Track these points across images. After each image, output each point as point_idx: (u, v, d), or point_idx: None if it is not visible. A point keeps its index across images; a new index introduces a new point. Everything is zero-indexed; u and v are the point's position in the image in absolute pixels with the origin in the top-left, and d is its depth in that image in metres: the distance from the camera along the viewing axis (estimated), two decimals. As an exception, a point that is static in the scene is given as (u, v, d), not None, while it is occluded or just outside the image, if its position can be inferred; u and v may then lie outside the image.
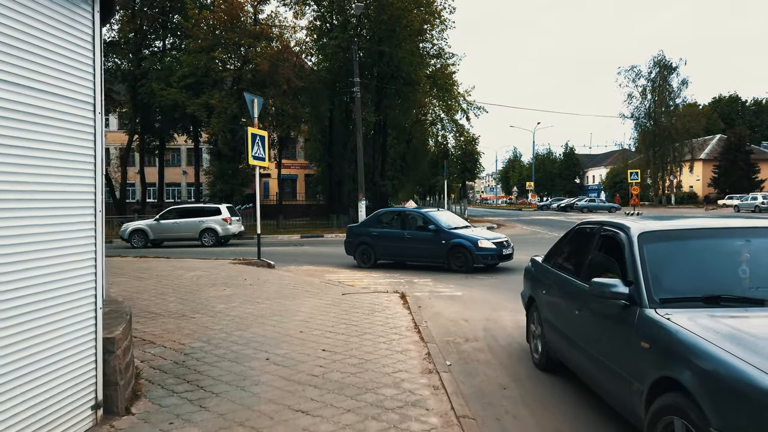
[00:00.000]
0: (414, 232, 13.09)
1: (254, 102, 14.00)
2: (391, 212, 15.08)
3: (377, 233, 13.55)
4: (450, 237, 12.44)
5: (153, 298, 8.20)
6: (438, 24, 33.11)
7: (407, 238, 13.04)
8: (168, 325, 6.43)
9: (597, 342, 3.68)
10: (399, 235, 13.19)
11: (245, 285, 9.63)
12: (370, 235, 13.57)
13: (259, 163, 13.69)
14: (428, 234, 12.74)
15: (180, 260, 14.28)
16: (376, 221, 14.10)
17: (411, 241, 12.99)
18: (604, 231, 4.17)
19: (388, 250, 13.43)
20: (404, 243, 13.05)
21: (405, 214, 14.00)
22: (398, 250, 13.26)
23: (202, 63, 27.85)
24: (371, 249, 13.51)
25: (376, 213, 14.85)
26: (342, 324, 6.51)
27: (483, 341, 6.32)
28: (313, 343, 5.61)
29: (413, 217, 13.59)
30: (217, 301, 8.03)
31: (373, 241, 13.48)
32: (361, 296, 8.56)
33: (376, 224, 13.94)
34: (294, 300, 8.18)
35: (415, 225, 13.28)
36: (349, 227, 14.76)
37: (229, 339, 5.78)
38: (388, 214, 14.81)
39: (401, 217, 13.80)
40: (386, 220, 14.13)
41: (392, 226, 13.72)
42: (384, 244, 13.39)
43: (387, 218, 14.28)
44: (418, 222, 13.33)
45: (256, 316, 6.94)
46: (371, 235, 13.56)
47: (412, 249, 13.01)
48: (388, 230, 13.60)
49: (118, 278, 10.52)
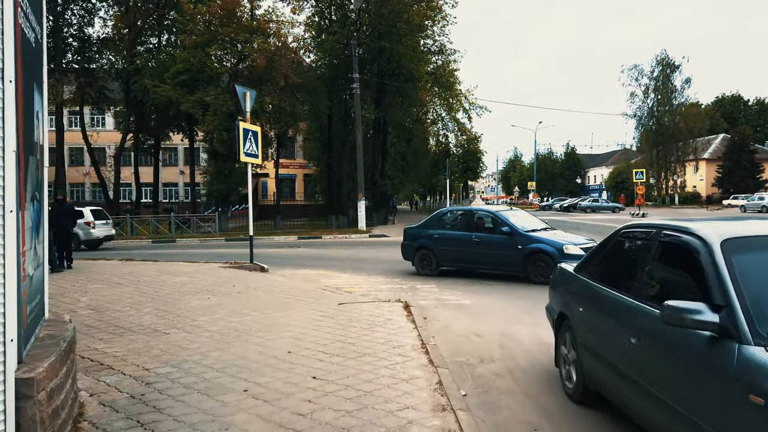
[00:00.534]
0: (483, 234, 11.25)
1: (246, 95, 13.14)
2: (456, 211, 12.97)
3: (439, 236, 11.82)
4: (528, 241, 10.53)
5: (127, 309, 7.32)
6: (439, 20, 32.29)
7: (475, 242, 11.20)
8: (136, 343, 5.56)
9: (668, 384, 2.80)
10: (465, 239, 11.37)
11: (232, 293, 8.75)
12: (431, 238, 11.88)
13: (251, 160, 12.85)
14: (501, 237, 10.82)
15: (168, 264, 13.42)
16: (437, 222, 12.39)
17: (480, 246, 11.12)
18: (664, 237, 3.31)
19: (451, 255, 11.63)
20: (471, 248, 11.20)
21: (472, 213, 12.07)
22: (464, 255, 11.39)
23: (196, 59, 26.97)
24: (432, 254, 11.81)
25: (438, 212, 13.15)
26: (337, 342, 5.64)
27: (501, 362, 5.45)
28: (303, 368, 4.74)
29: (482, 218, 11.73)
30: (199, 312, 7.16)
31: (434, 245, 11.78)
32: (360, 306, 7.68)
33: (438, 225, 12.24)
34: (285, 311, 7.30)
35: (485, 226, 11.49)
36: (406, 229, 12.94)
37: (203, 362, 4.91)
38: (451, 213, 12.96)
39: (467, 218, 11.93)
40: (450, 221, 12.39)
41: (457, 228, 11.94)
42: (447, 248, 11.64)
43: (450, 218, 12.51)
44: (487, 223, 11.53)
45: (240, 332, 6.06)
46: (432, 238, 11.87)
47: (482, 255, 11.10)
48: (451, 232, 11.85)
49: (94, 285, 9.66)
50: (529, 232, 10.89)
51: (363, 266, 13.59)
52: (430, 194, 73.08)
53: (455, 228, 11.99)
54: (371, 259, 15.31)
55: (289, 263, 14.51)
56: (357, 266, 13.62)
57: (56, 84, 30.12)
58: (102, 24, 40.14)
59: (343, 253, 17.07)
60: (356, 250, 18.02)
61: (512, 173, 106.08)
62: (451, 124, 42.46)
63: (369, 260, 14.98)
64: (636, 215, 38.30)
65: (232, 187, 30.16)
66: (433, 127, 48.13)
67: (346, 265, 13.78)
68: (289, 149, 48.21)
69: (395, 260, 14.73)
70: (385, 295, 9.35)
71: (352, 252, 17.52)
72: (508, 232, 10.75)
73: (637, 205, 42.06)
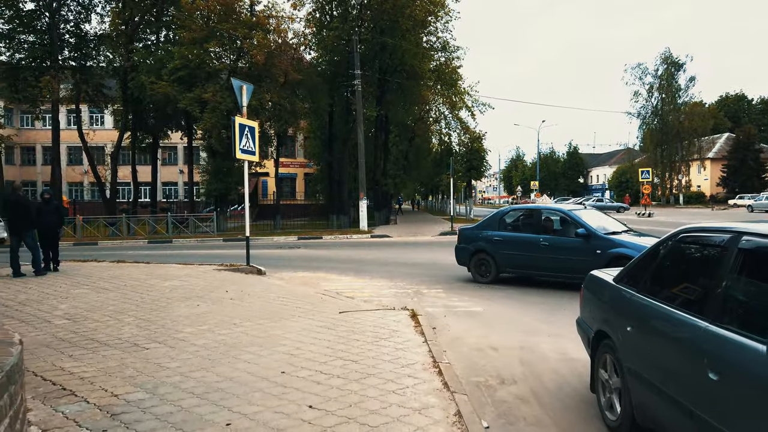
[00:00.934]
0: (554, 237, 9.88)
1: (243, 89, 12.48)
2: (520, 211, 11.40)
3: (500, 238, 10.51)
4: (608, 245, 8.99)
5: (106, 319, 6.67)
6: (442, 15, 31.61)
7: (543, 245, 9.79)
8: (109, 360, 4.91)
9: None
10: (531, 242, 9.99)
11: (224, 299, 8.10)
12: (490, 241, 10.59)
13: (247, 157, 12.20)
14: (575, 241, 9.39)
15: (160, 266, 12.77)
16: (498, 222, 10.95)
17: (549, 250, 9.70)
18: (746, 244, 2.65)
19: (514, 260, 10.26)
20: (539, 252, 9.82)
21: (539, 213, 10.52)
22: (530, 260, 10.01)
23: (194, 55, 26.31)
24: (491, 259, 10.53)
25: (498, 211, 11.54)
26: (338, 359, 4.98)
27: (524, 383, 4.79)
28: (297, 394, 4.08)
29: (550, 218, 10.32)
30: (185, 322, 6.50)
31: (493, 249, 10.50)
32: (363, 315, 7.03)
33: (499, 226, 10.85)
34: (280, 321, 6.64)
35: (554, 228, 10.17)
36: (461, 230, 11.61)
37: (183, 385, 4.25)
38: (515, 212, 11.34)
39: (534, 218, 10.48)
40: (512, 221, 10.98)
41: (521, 229, 10.61)
42: (509, 252, 10.31)
43: (513, 218, 11.07)
44: (557, 224, 10.24)
45: (229, 347, 5.40)
46: (491, 241, 10.57)
47: (551, 261, 9.68)
48: (515, 234, 10.53)
49: (78, 290, 9.01)
50: (609, 234, 9.35)
51: (365, 268, 12.95)
52: (432, 194, 72.40)
53: (519, 229, 10.68)
54: (373, 260, 14.66)
55: (288, 265, 13.87)
56: (358, 268, 12.98)
57: (52, 81, 29.53)
58: (99, 20, 39.45)
59: (344, 255, 16.43)
60: (357, 251, 17.38)
61: (514, 173, 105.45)
62: (454, 122, 41.75)
63: (371, 262, 14.33)
64: (642, 215, 37.65)
65: (231, 187, 29.48)
66: (435, 126, 47.46)
67: (347, 267, 13.14)
68: (289, 148, 47.61)
69: (398, 262, 14.11)
70: (389, 300, 8.71)
71: (354, 253, 16.87)
72: (584, 235, 9.29)
73: (643, 204, 41.39)
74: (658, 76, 60.62)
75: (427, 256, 15.69)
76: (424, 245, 19.64)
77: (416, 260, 14.57)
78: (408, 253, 16.78)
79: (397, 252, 17.00)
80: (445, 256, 15.27)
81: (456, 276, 11.37)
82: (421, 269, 12.69)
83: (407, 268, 12.98)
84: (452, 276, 11.41)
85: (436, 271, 12.27)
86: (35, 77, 30.70)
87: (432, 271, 12.28)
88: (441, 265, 13.43)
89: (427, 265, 13.54)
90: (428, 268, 12.81)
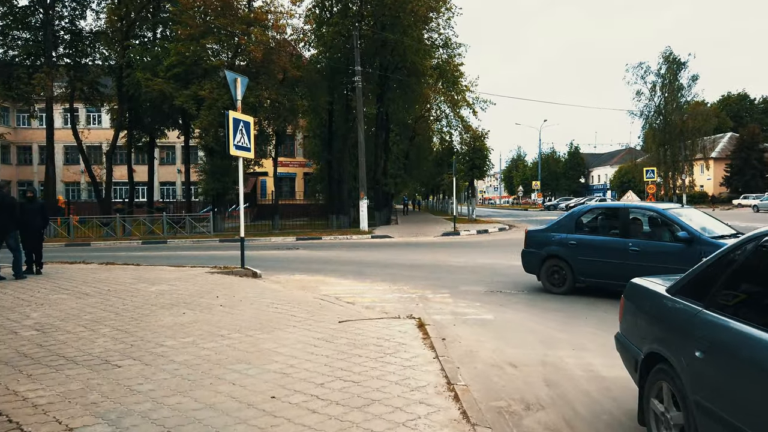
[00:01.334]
0: (645, 242, 8.38)
1: (237, 81, 11.84)
2: (601, 210, 9.85)
3: (577, 242, 9.05)
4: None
5: (80, 330, 6.00)
6: (444, 12, 30.96)
7: (633, 251, 8.29)
8: (73, 382, 4.24)
9: None
10: (617, 247, 8.48)
11: (214, 306, 7.44)
12: (565, 245, 9.14)
13: (242, 153, 11.55)
14: (674, 246, 7.92)
15: (150, 269, 12.12)
16: (574, 223, 9.39)
17: (640, 257, 8.19)
18: None
19: (595, 268, 8.72)
20: (627, 259, 8.27)
21: (626, 212, 8.85)
22: (614, 269, 8.35)
23: (191, 51, 25.64)
24: (567, 266, 9.08)
25: (575, 211, 9.93)
26: (337, 379, 4.32)
27: (553, 409, 4.13)
28: (289, 426, 3.42)
29: (640, 218, 8.86)
30: (167, 334, 5.84)
31: (570, 255, 9.04)
32: (365, 324, 6.37)
33: (575, 228, 9.31)
34: (273, 332, 5.99)
35: (644, 230, 8.76)
36: (530, 232, 10.11)
37: (154, 415, 3.60)
38: (594, 212, 9.74)
39: (619, 218, 8.84)
40: (591, 222, 9.54)
41: (602, 232, 9.13)
42: (589, 259, 8.82)
43: (592, 218, 9.60)
44: (649, 225, 8.83)
45: (213, 364, 4.75)
46: (567, 245, 9.12)
47: (643, 269, 7.28)
48: (596, 238, 9.02)
49: (57, 295, 8.35)
50: (716, 238, 7.83)
51: (366, 271, 12.29)
52: (433, 193, 71.76)
53: (598, 231, 9.23)
54: (374, 262, 14.00)
55: (286, 267, 13.23)
56: (359, 271, 12.32)
57: (45, 78, 28.86)
58: (95, 17, 38.83)
59: (344, 256, 15.78)
60: (358, 253, 16.72)
61: (515, 173, 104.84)
62: (456, 121, 41.09)
63: (372, 264, 13.67)
64: (647, 215, 36.91)
65: (228, 186, 28.82)
66: (436, 124, 46.83)
67: (348, 270, 12.49)
68: (288, 147, 46.97)
69: (400, 264, 13.46)
70: (392, 306, 8.06)
71: (354, 254, 16.22)
72: (686, 239, 7.79)
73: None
74: (660, 74, 60.01)
75: (430, 257, 15.04)
76: (427, 246, 18.98)
77: (419, 262, 13.92)
78: (410, 254, 16.13)
79: (399, 253, 16.35)
80: (449, 258, 14.65)
81: (462, 279, 10.73)
82: (424, 272, 12.05)
83: (410, 270, 12.33)
84: (458, 279, 10.76)
85: (440, 274, 11.62)
86: (29, 75, 30.04)
87: (436, 274, 11.63)
88: (445, 267, 12.79)
89: (430, 267, 12.89)
90: (432, 271, 12.17)
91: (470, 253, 16.22)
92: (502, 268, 12.39)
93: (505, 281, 10.47)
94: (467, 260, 14.08)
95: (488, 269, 12.24)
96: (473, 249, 17.57)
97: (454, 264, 13.30)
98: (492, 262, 13.53)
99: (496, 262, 13.66)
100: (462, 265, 12.96)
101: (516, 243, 19.05)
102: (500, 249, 17.19)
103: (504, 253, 15.60)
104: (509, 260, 13.73)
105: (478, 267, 12.69)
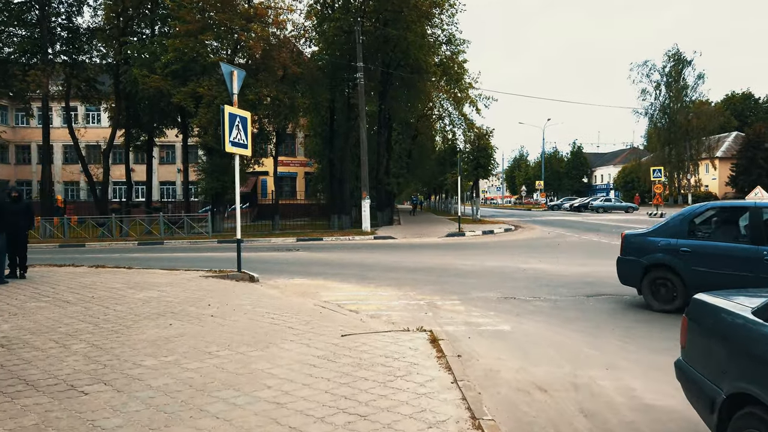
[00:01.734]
0: None
1: (233, 74, 11.20)
2: (723, 209, 8.00)
3: (691, 249, 7.43)
4: None
5: (50, 346, 5.35)
6: (447, 7, 30.31)
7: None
8: (27, 415, 3.59)
9: None
10: (747, 256, 6.82)
11: (204, 316, 6.78)
12: (675, 253, 7.56)
13: (238, 150, 10.91)
14: None
15: (142, 272, 11.48)
16: (685, 226, 7.71)
17: None
18: None
19: (716, 281, 6.71)
20: (762, 272, 6.62)
21: (757, 212, 6.96)
22: (743, 282, 6.61)
23: (189, 47, 24.98)
24: (677, 277, 7.53)
25: (686, 211, 8.03)
26: (340, 412, 3.66)
27: (597, 448, 3.48)
28: (281, 480, 2.77)
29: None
30: (147, 351, 5.18)
31: (681, 264, 7.46)
32: (371, 339, 5.71)
33: (687, 232, 7.66)
34: (267, 348, 5.33)
35: None
36: (628, 236, 8.46)
37: (116, 462, 2.94)
38: (712, 212, 7.90)
39: (750, 220, 7.04)
40: (706, 225, 7.89)
41: (725, 237, 7.42)
42: (707, 270, 7.21)
43: (708, 220, 7.92)
44: None
45: (195, 390, 4.09)
46: (677, 253, 7.54)
47: None
48: (716, 245, 7.35)
49: (35, 303, 7.70)
50: None
51: (369, 274, 11.62)
52: (436, 193, 71.05)
53: (717, 236, 7.55)
54: (377, 265, 13.34)
55: (285, 270, 12.58)
56: (362, 274, 11.66)
57: (40, 75, 28.24)
58: (92, 14, 38.21)
59: (346, 258, 15.12)
60: (360, 254, 16.05)
61: (518, 172, 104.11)
62: (459, 119, 40.37)
63: (375, 266, 13.01)
64: (654, 215, 36.28)
65: (227, 185, 28.18)
66: (438, 123, 46.13)
67: (350, 273, 11.83)
68: (289, 146, 46.34)
69: (405, 267, 12.80)
70: (399, 315, 7.41)
71: (356, 256, 15.56)
72: None
73: (654, 204, 40.02)
74: (665, 73, 59.34)
75: (436, 260, 14.36)
76: (431, 248, 18.30)
77: (424, 265, 13.25)
78: (415, 256, 15.46)
79: (403, 255, 15.68)
80: (456, 260, 13.97)
81: (471, 284, 10.06)
82: (431, 275, 11.38)
83: (416, 273, 11.67)
84: (467, 284, 10.10)
85: (447, 278, 10.96)
86: (24, 72, 29.42)
87: (443, 278, 10.97)
88: (452, 270, 12.12)
89: (436, 270, 12.23)
90: (439, 274, 11.51)
91: (477, 255, 15.55)
92: (512, 271, 11.74)
93: (518, 286, 9.81)
94: (475, 263, 13.41)
95: (498, 273, 11.58)
96: (480, 251, 16.90)
97: (461, 267, 12.63)
98: (501, 265, 12.87)
99: (505, 264, 13.00)
100: (470, 269, 12.30)
101: (524, 245, 18.44)
102: (508, 251, 16.52)
103: (512, 256, 14.94)
104: (518, 263, 13.08)
105: (486, 270, 12.03)
